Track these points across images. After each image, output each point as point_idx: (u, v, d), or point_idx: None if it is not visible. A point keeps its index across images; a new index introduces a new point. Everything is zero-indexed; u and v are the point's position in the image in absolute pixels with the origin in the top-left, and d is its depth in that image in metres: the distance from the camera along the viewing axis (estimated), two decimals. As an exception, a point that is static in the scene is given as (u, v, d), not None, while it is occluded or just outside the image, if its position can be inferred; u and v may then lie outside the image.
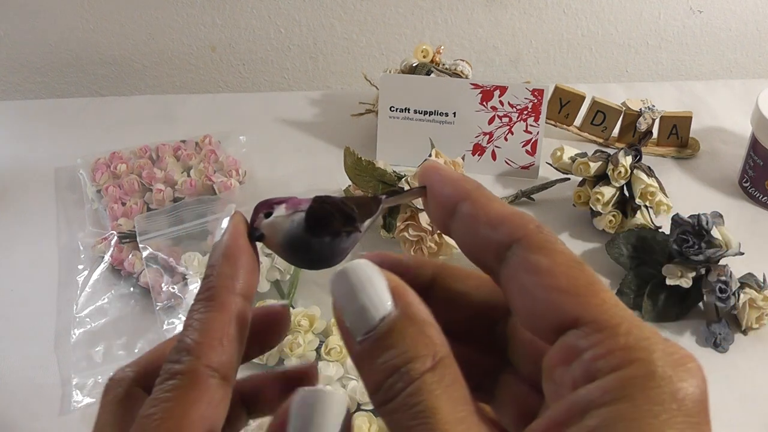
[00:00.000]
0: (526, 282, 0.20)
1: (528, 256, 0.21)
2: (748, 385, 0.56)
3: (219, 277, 0.22)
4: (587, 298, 0.20)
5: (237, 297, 0.22)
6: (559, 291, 0.20)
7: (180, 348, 0.21)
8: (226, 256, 0.23)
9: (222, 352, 0.21)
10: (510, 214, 0.21)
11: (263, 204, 0.24)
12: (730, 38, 1.02)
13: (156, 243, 0.62)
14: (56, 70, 0.98)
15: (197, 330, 0.21)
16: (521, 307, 0.21)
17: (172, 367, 0.21)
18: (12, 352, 0.59)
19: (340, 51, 1.00)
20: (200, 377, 0.21)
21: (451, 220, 0.23)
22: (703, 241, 0.60)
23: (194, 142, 0.78)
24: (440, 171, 0.23)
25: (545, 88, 0.74)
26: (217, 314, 0.22)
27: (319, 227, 0.23)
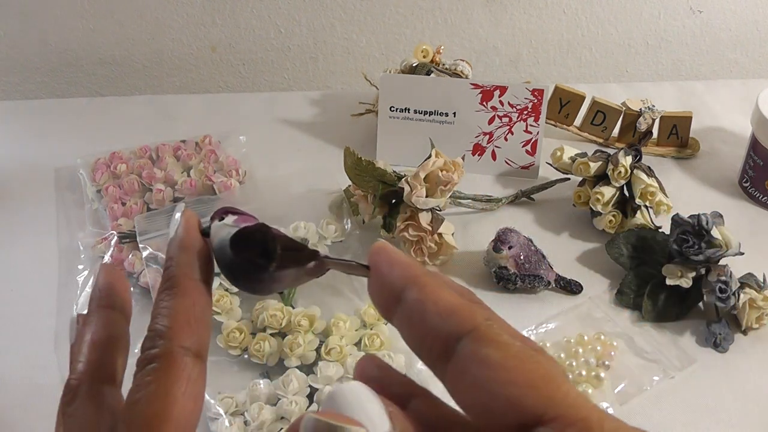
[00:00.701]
0: (478, 377, 0.19)
1: (479, 349, 0.19)
2: (748, 385, 0.56)
3: (178, 266, 0.24)
4: (549, 391, 0.19)
5: (197, 282, 0.24)
6: (517, 386, 0.19)
7: (153, 335, 0.23)
8: (181, 247, 0.25)
9: (192, 333, 0.23)
10: (460, 305, 0.20)
11: (222, 210, 0.26)
12: (730, 38, 1.02)
13: (156, 243, 0.62)
14: (56, 70, 0.98)
15: (166, 316, 0.23)
16: (474, 404, 0.20)
17: (149, 353, 0.22)
18: (12, 352, 0.59)
19: (340, 51, 1.00)
20: (176, 357, 0.22)
21: (396, 307, 0.21)
22: (703, 241, 0.60)
23: (194, 142, 0.78)
24: (389, 253, 0.22)
25: (545, 88, 0.74)
26: (182, 299, 0.23)
27: (237, 248, 0.24)
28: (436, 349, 0.20)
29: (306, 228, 0.65)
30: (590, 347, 0.57)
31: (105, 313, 0.27)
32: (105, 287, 0.27)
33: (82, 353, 0.25)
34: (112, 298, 0.27)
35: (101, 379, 0.25)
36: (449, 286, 0.22)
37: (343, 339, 0.57)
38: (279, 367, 0.56)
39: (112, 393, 0.25)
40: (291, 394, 0.53)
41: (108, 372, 0.25)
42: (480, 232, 0.69)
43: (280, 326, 0.57)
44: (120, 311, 0.27)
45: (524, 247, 0.62)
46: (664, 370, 0.56)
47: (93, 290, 0.27)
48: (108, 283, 0.27)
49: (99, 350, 0.25)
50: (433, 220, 0.64)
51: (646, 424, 0.53)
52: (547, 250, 0.64)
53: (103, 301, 0.27)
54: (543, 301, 0.63)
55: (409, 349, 0.22)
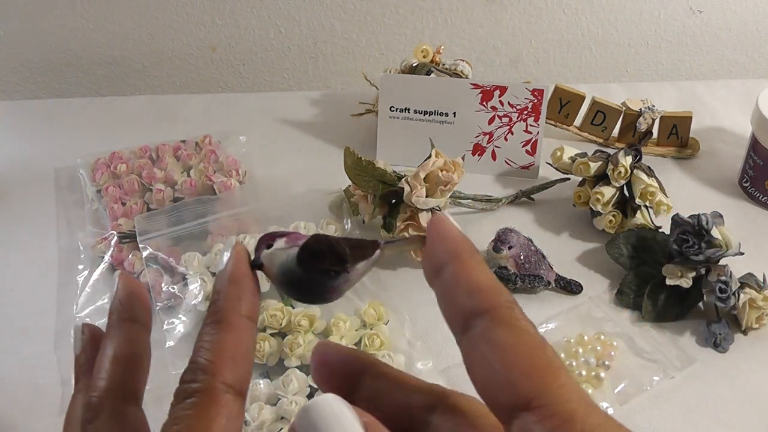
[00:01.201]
0: (486, 355, 0.20)
1: (493, 329, 0.21)
2: (748, 385, 0.56)
3: (226, 299, 0.24)
4: (546, 380, 0.20)
5: (244, 318, 0.24)
6: (517, 369, 0.20)
7: (194, 368, 0.22)
8: (231, 281, 0.24)
9: (235, 369, 0.22)
10: (488, 286, 0.22)
11: (267, 236, 0.25)
12: (730, 38, 1.02)
13: (156, 243, 0.62)
14: (56, 70, 0.98)
15: (210, 350, 0.23)
16: (479, 378, 0.21)
17: (189, 386, 0.22)
18: (12, 352, 0.59)
19: (340, 51, 1.00)
20: (217, 394, 0.22)
21: (436, 277, 0.23)
22: (703, 241, 0.60)
23: (194, 142, 0.78)
24: (443, 227, 0.23)
25: (545, 88, 0.74)
26: (227, 334, 0.23)
27: (309, 263, 0.24)
28: (458, 322, 0.22)
29: (306, 228, 0.65)
30: (590, 347, 0.57)
31: (127, 326, 0.26)
32: (126, 299, 0.26)
33: (103, 369, 0.25)
34: (133, 310, 0.26)
35: (125, 398, 0.24)
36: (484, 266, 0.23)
37: (343, 339, 0.57)
38: (279, 367, 0.56)
39: (136, 413, 0.24)
40: (291, 394, 0.53)
41: (132, 390, 0.25)
42: (480, 232, 0.69)
43: (280, 326, 0.57)
44: (142, 324, 0.26)
45: (524, 247, 0.62)
46: (664, 370, 0.56)
47: (113, 301, 0.27)
48: (129, 294, 0.26)
49: (123, 367, 0.25)
50: (433, 220, 0.64)
51: (646, 424, 0.53)
52: (547, 250, 0.64)
53: (124, 314, 0.26)
54: (543, 301, 0.63)
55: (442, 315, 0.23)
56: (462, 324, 0.21)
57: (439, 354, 0.57)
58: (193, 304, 0.59)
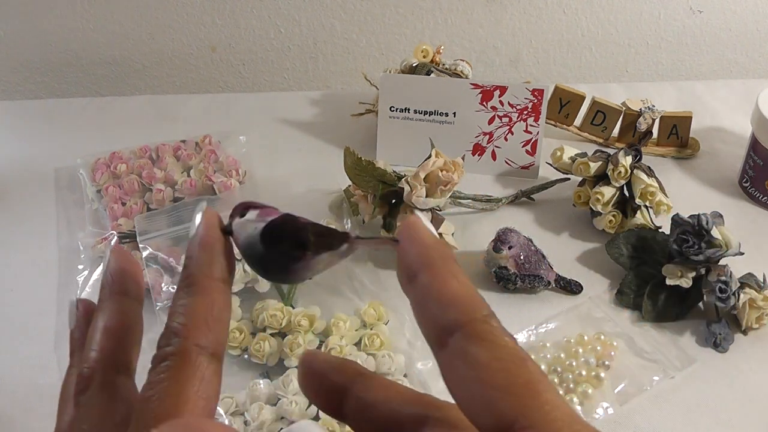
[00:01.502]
0: (463, 374, 0.19)
1: (468, 347, 0.20)
2: (748, 385, 0.56)
3: (197, 264, 0.24)
4: (526, 399, 0.19)
5: (216, 281, 0.24)
6: (495, 389, 0.19)
7: (168, 333, 0.22)
8: (201, 245, 0.24)
9: (208, 331, 0.22)
10: (462, 297, 0.20)
11: (242, 204, 0.26)
12: (730, 38, 1.02)
13: (156, 243, 0.62)
14: (56, 70, 0.98)
15: (183, 314, 0.23)
16: (459, 398, 0.20)
17: (164, 350, 0.22)
18: (12, 352, 0.59)
19: (340, 51, 1.00)
20: (191, 356, 0.22)
21: (410, 285, 0.22)
22: (703, 241, 0.60)
23: (194, 142, 0.78)
24: (417, 231, 0.22)
25: (545, 88, 0.74)
26: (199, 298, 0.23)
27: (270, 242, 0.24)
28: (432, 336, 0.21)
29: (306, 228, 0.65)
30: (590, 347, 0.57)
31: (119, 299, 0.26)
32: (117, 272, 0.26)
33: (94, 341, 0.25)
34: (125, 284, 0.26)
35: (116, 369, 0.24)
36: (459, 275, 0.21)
37: (343, 339, 0.57)
38: (279, 367, 0.56)
39: (126, 383, 0.25)
40: (291, 394, 0.53)
41: (122, 361, 0.25)
42: (480, 232, 0.69)
43: (280, 326, 0.57)
44: (134, 298, 0.26)
45: (524, 247, 0.63)
46: (664, 370, 0.56)
47: (104, 275, 0.26)
48: (120, 268, 0.26)
49: (113, 339, 0.25)
50: (433, 220, 0.64)
51: (646, 424, 0.53)
52: (547, 250, 0.64)
53: (116, 287, 0.26)
54: (543, 301, 0.63)
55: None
56: (437, 339, 0.20)
57: (439, 354, 0.57)
58: (193, 304, 0.59)
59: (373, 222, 0.67)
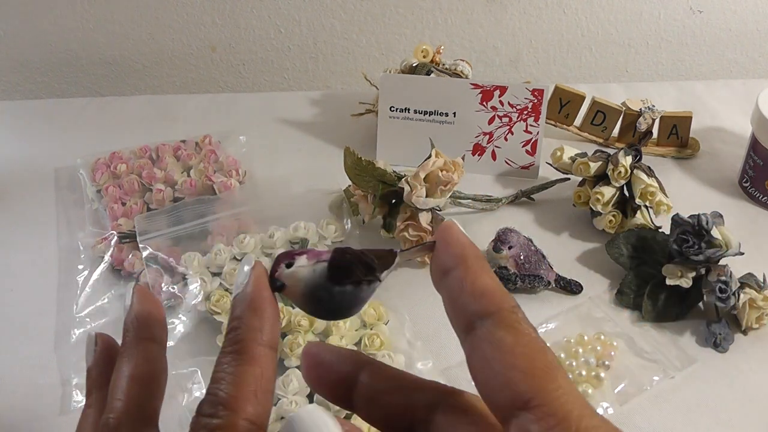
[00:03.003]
0: (487, 355, 0.21)
1: (495, 331, 0.21)
2: (748, 385, 0.56)
3: (247, 329, 0.23)
4: (544, 382, 0.20)
5: (266, 348, 0.23)
6: (516, 370, 0.20)
7: (214, 401, 0.21)
8: (251, 308, 0.23)
9: (257, 404, 0.22)
10: (492, 290, 0.22)
11: (284, 255, 0.25)
12: (730, 38, 1.02)
13: (156, 243, 0.62)
14: (56, 70, 0.98)
15: (231, 384, 0.22)
16: (480, 378, 0.21)
17: (210, 422, 0.21)
18: (12, 352, 0.59)
19: (340, 51, 1.00)
20: (240, 431, 0.21)
21: (443, 281, 0.23)
22: (703, 241, 0.60)
23: (194, 142, 0.78)
24: (452, 233, 0.24)
25: (545, 88, 0.74)
26: (249, 367, 0.22)
27: (342, 276, 0.24)
28: (462, 323, 0.22)
29: (306, 228, 0.65)
30: (590, 347, 0.57)
31: (144, 345, 0.25)
32: (143, 316, 0.25)
33: (120, 389, 0.24)
34: (150, 329, 0.25)
35: (143, 421, 0.24)
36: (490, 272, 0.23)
37: (343, 339, 0.57)
38: (279, 367, 0.56)
39: None
40: (291, 394, 0.53)
41: (149, 412, 0.24)
42: (480, 232, 0.69)
43: (280, 326, 0.57)
44: (159, 343, 0.25)
45: (524, 247, 0.62)
46: (664, 370, 0.56)
47: (129, 318, 0.25)
48: (146, 311, 0.26)
49: (140, 388, 0.24)
50: (433, 220, 0.64)
51: (646, 424, 0.53)
52: (547, 250, 0.64)
53: (141, 333, 0.25)
54: (543, 301, 0.63)
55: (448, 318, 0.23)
56: (466, 326, 0.22)
57: (439, 354, 0.57)
58: (193, 304, 0.59)
59: (373, 222, 0.67)
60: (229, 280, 0.61)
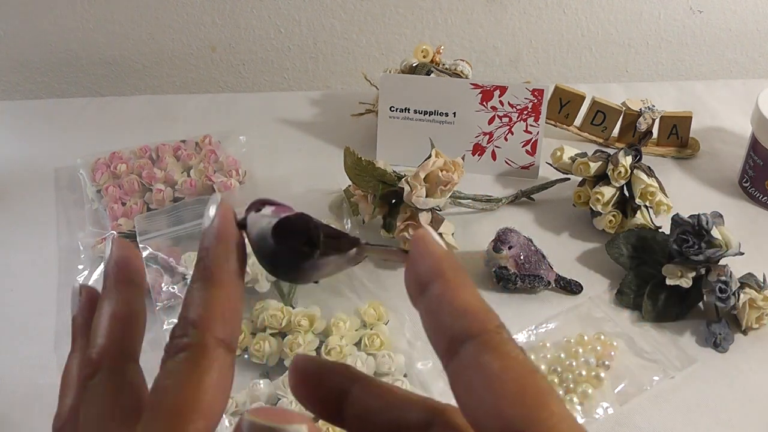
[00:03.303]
0: (473, 382, 0.20)
1: (480, 355, 0.20)
2: (748, 385, 0.56)
3: (214, 257, 0.24)
4: (534, 410, 0.19)
5: (231, 274, 0.24)
6: (505, 398, 0.19)
7: (185, 323, 0.22)
8: (218, 237, 0.24)
9: (225, 324, 0.23)
10: (475, 308, 0.21)
11: (258, 201, 0.26)
12: (730, 38, 1.02)
13: (156, 243, 0.62)
14: (56, 70, 0.98)
15: (200, 305, 0.23)
16: (466, 407, 0.20)
17: (180, 341, 0.22)
18: (12, 352, 0.59)
19: (340, 51, 1.00)
20: (209, 348, 0.22)
21: (420, 297, 0.22)
22: (703, 241, 0.60)
23: (194, 142, 0.78)
24: (427, 243, 0.22)
25: (545, 88, 0.74)
26: (216, 290, 0.23)
27: (280, 236, 0.24)
28: (443, 346, 0.21)
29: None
30: (590, 347, 0.57)
31: (124, 287, 0.26)
32: (122, 262, 0.26)
33: (102, 327, 0.25)
34: (129, 273, 0.26)
35: (123, 356, 0.25)
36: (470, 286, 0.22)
37: (343, 339, 0.57)
38: (279, 367, 0.56)
39: (135, 370, 0.25)
40: (291, 394, 0.53)
41: (129, 348, 0.25)
42: (480, 232, 0.69)
43: (280, 326, 0.57)
44: (138, 286, 0.26)
45: (524, 247, 0.63)
46: (664, 370, 0.56)
47: (108, 264, 0.27)
48: (124, 257, 0.27)
49: (121, 326, 0.25)
50: (433, 220, 0.64)
51: (646, 424, 0.53)
52: (547, 250, 0.64)
53: (120, 276, 0.26)
54: (543, 301, 0.63)
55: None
56: (447, 348, 0.21)
57: (439, 354, 0.57)
58: (193, 304, 0.59)
59: (373, 222, 0.67)
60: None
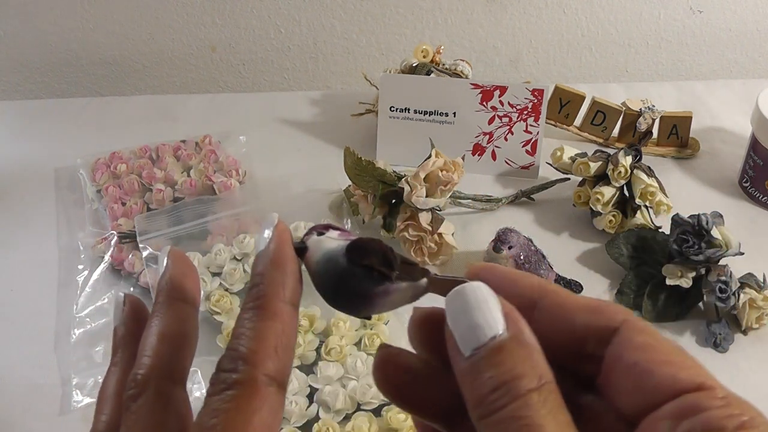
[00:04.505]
0: (637, 359, 0.21)
1: (635, 336, 0.22)
2: (748, 385, 0.56)
3: (269, 284, 0.23)
4: (701, 371, 0.21)
5: (287, 304, 0.23)
6: (673, 365, 0.21)
7: (235, 357, 0.21)
8: (274, 263, 0.23)
9: (277, 360, 0.21)
10: (602, 303, 0.23)
11: (320, 225, 0.25)
12: (730, 38, 1.02)
13: (156, 243, 0.62)
14: (56, 70, 0.98)
15: (252, 338, 0.21)
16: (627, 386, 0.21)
17: (229, 376, 0.21)
18: (12, 352, 0.59)
19: (340, 51, 1.00)
20: (259, 386, 0.21)
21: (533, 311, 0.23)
22: (703, 241, 0.60)
23: (194, 142, 0.78)
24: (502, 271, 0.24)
25: (545, 88, 0.74)
26: (270, 323, 0.22)
27: (357, 254, 0.23)
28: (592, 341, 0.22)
29: (306, 228, 0.65)
30: (590, 347, 0.57)
31: (178, 306, 0.24)
32: (177, 278, 0.25)
33: (150, 346, 0.23)
34: (184, 291, 0.25)
35: (171, 379, 0.23)
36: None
37: (343, 339, 0.57)
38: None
39: (180, 395, 0.23)
40: (291, 394, 0.53)
41: (177, 371, 0.23)
42: (480, 232, 0.69)
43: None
44: (191, 305, 0.25)
45: (524, 247, 0.62)
46: (664, 370, 0.56)
47: (162, 278, 0.25)
48: (181, 273, 0.25)
49: (170, 346, 0.24)
50: (433, 220, 0.64)
51: (646, 424, 0.53)
52: (547, 250, 0.64)
53: (174, 293, 0.25)
54: (543, 301, 0.63)
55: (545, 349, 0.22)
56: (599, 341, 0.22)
57: (439, 354, 0.57)
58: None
59: (373, 222, 0.67)
60: (229, 280, 0.61)
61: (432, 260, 0.65)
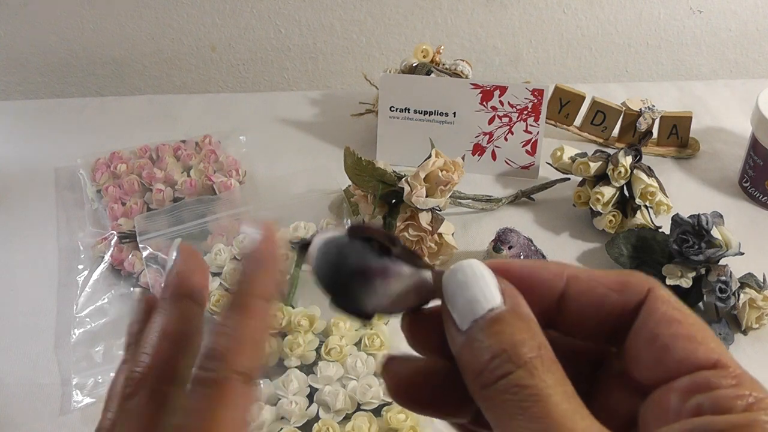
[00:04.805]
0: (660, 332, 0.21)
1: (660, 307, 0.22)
2: (748, 385, 0.56)
3: (242, 282, 0.23)
4: (719, 348, 0.21)
5: (263, 302, 0.23)
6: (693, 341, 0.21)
7: (211, 355, 0.22)
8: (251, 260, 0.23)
9: (252, 357, 0.22)
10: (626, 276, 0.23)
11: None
12: (730, 38, 1.02)
13: (156, 243, 0.62)
14: (56, 70, 0.98)
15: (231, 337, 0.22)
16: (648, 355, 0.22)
17: (202, 374, 0.21)
18: (12, 352, 0.59)
19: (340, 51, 1.00)
20: (231, 385, 0.21)
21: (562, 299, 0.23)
22: (703, 241, 0.60)
23: (194, 142, 0.78)
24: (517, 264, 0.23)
25: (545, 88, 0.74)
26: (248, 320, 0.22)
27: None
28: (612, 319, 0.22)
29: (306, 228, 0.65)
30: (590, 347, 0.57)
31: (182, 303, 0.24)
32: (185, 274, 0.25)
33: (150, 343, 0.23)
34: (190, 287, 0.25)
35: (168, 379, 0.23)
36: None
37: (343, 339, 0.57)
38: (279, 367, 0.56)
39: (178, 396, 0.23)
40: (291, 394, 0.53)
41: (176, 372, 0.23)
42: (480, 232, 0.69)
43: (280, 326, 0.57)
44: (197, 303, 0.25)
45: (524, 247, 0.62)
46: (664, 370, 0.56)
47: (169, 273, 0.25)
48: (189, 269, 0.25)
49: (171, 344, 0.23)
50: (433, 220, 0.64)
51: (646, 424, 0.53)
52: (547, 250, 0.64)
53: (181, 289, 0.24)
54: (543, 301, 0.63)
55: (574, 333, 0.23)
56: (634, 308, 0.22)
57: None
58: (193, 304, 0.59)
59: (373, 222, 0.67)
60: (229, 281, 0.61)
61: (432, 260, 0.65)
